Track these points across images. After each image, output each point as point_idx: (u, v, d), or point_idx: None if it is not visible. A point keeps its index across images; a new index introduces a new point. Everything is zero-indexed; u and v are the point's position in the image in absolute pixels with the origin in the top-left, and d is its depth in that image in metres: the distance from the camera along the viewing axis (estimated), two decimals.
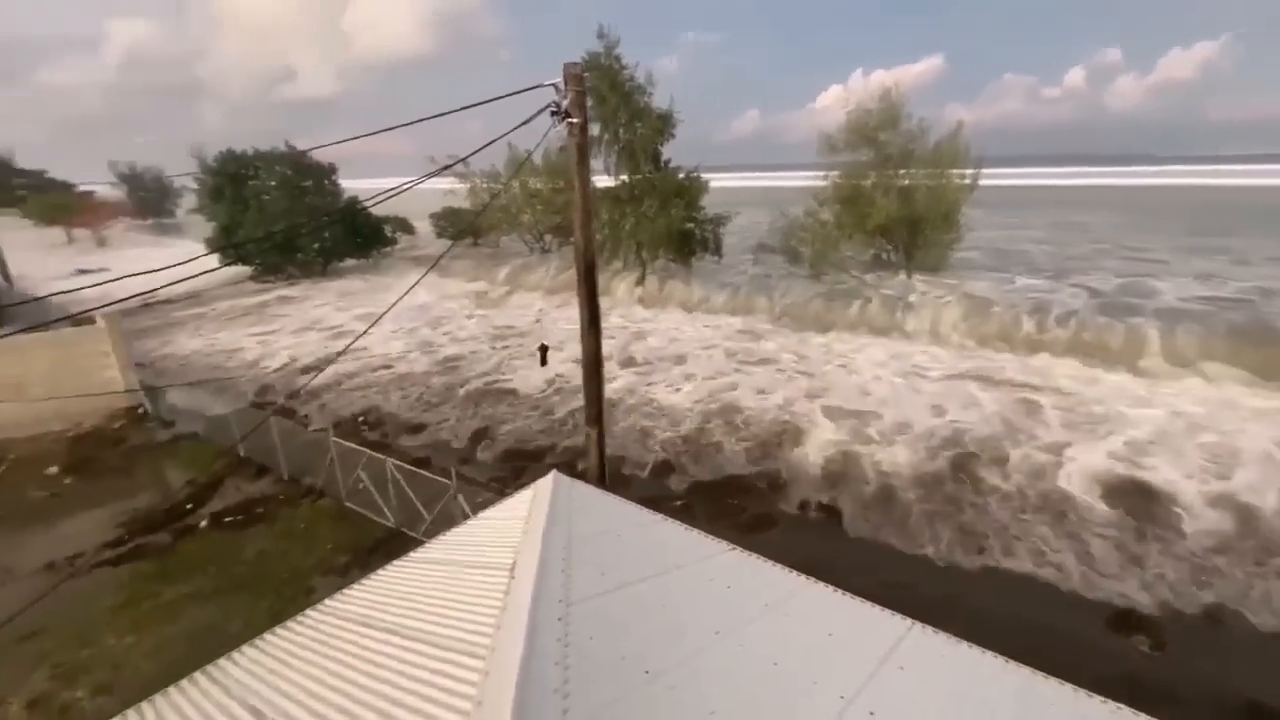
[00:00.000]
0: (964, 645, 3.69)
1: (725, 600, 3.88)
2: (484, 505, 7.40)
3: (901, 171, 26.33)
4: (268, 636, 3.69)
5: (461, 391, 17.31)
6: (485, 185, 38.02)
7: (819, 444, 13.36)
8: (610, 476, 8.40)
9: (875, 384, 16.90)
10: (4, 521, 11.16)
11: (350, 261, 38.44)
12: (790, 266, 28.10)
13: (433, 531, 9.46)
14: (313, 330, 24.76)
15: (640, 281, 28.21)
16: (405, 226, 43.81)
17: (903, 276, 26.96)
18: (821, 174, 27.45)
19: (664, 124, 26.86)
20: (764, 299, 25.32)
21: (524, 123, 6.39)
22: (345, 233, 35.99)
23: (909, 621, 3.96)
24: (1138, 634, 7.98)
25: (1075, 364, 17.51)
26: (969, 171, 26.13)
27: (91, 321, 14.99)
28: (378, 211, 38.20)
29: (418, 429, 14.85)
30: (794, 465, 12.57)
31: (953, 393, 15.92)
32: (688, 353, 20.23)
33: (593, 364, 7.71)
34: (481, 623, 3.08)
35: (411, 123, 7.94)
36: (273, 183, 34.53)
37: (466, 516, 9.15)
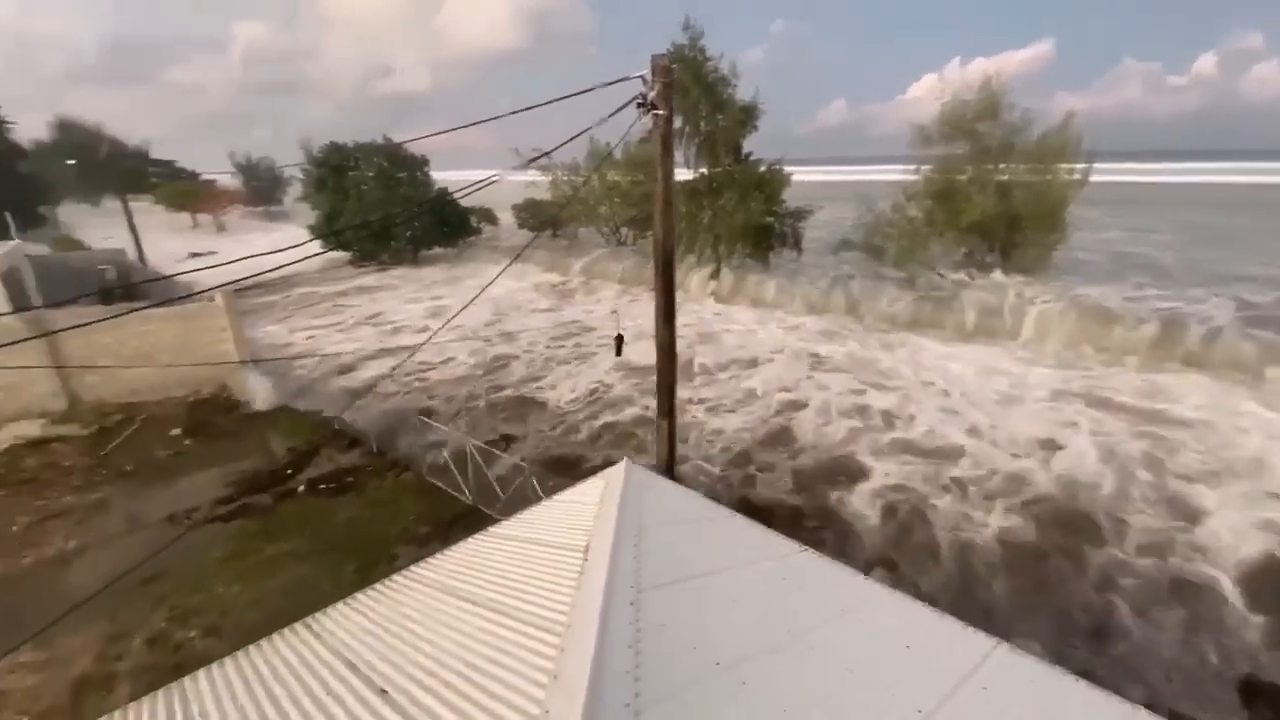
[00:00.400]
0: (1055, 670, 3.45)
1: (798, 601, 3.80)
2: (555, 489, 7.61)
3: (1001, 166, 24.73)
4: (359, 596, 3.95)
5: (484, 402, 15.88)
6: (566, 178, 38.78)
7: (880, 486, 11.32)
8: None
9: (964, 402, 14.94)
10: (134, 475, 12.48)
11: (437, 250, 40.19)
12: (875, 264, 27.05)
13: (506, 510, 9.83)
14: (368, 326, 24.57)
15: (715, 276, 27.95)
16: (489, 217, 45.45)
17: (998, 277, 25.36)
18: (912, 168, 26.21)
19: (747, 116, 26.45)
20: (845, 298, 24.27)
21: (611, 115, 6.45)
22: (434, 222, 37.66)
23: (994, 640, 3.74)
24: None
25: (1219, 387, 15.16)
26: (1079, 166, 24.20)
27: (211, 299, 16.47)
28: (464, 202, 39.75)
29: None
30: (851, 513, 10.60)
31: (1061, 419, 13.92)
32: (758, 356, 19.06)
33: (666, 355, 7.73)
34: (556, 600, 3.17)
35: (499, 116, 8.17)
36: (370, 174, 36.62)
37: (539, 498, 9.45)
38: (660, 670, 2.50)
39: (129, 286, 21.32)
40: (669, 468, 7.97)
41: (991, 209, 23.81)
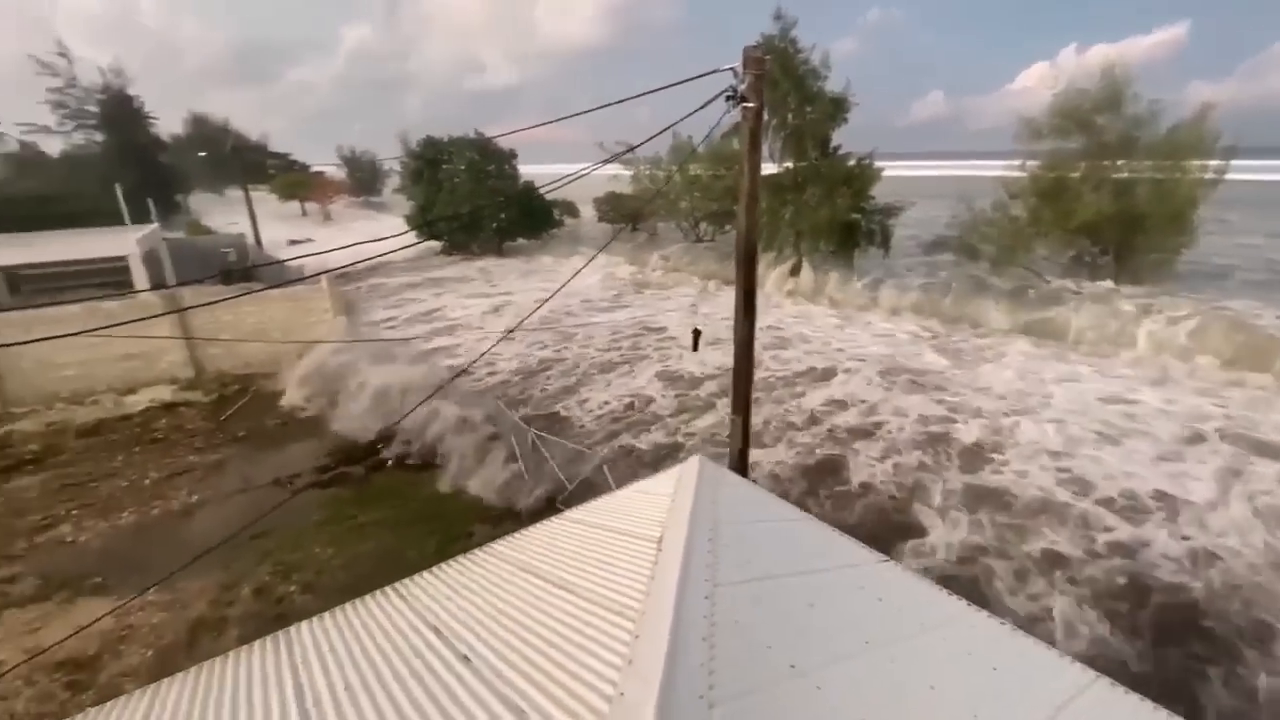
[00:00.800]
0: (1162, 713, 3.16)
1: (877, 611, 3.67)
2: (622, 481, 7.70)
3: (1120, 162, 22.65)
4: (443, 566, 4.15)
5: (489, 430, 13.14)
6: (648, 171, 38.94)
7: (939, 553, 9.28)
8: None
9: (1071, 436, 12.55)
10: (247, 441, 13.68)
11: (521, 240, 41.46)
12: (970, 266, 25.52)
13: (573, 498, 10.07)
14: (421, 323, 23.81)
15: (794, 273, 27.28)
16: (571, 210, 46.42)
17: (1112, 284, 23.31)
18: (1017, 163, 24.49)
19: (836, 109, 25.63)
20: (937, 302, 22.97)
21: (701, 107, 6.42)
22: (520, 214, 38.88)
23: (1093, 674, 3.47)
24: None
25: None
26: (1213, 163, 21.80)
27: (317, 284, 17.77)
28: (548, 195, 40.80)
29: None
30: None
31: (1205, 467, 11.33)
32: (833, 366, 17.36)
33: (744, 350, 7.63)
34: (629, 586, 3.21)
35: (587, 111, 8.34)
36: (461, 167, 38.26)
37: (608, 488, 9.61)
38: (734, 667, 2.49)
39: (247, 269, 23.35)
40: (742, 465, 7.88)
41: (1107, 209, 21.87)
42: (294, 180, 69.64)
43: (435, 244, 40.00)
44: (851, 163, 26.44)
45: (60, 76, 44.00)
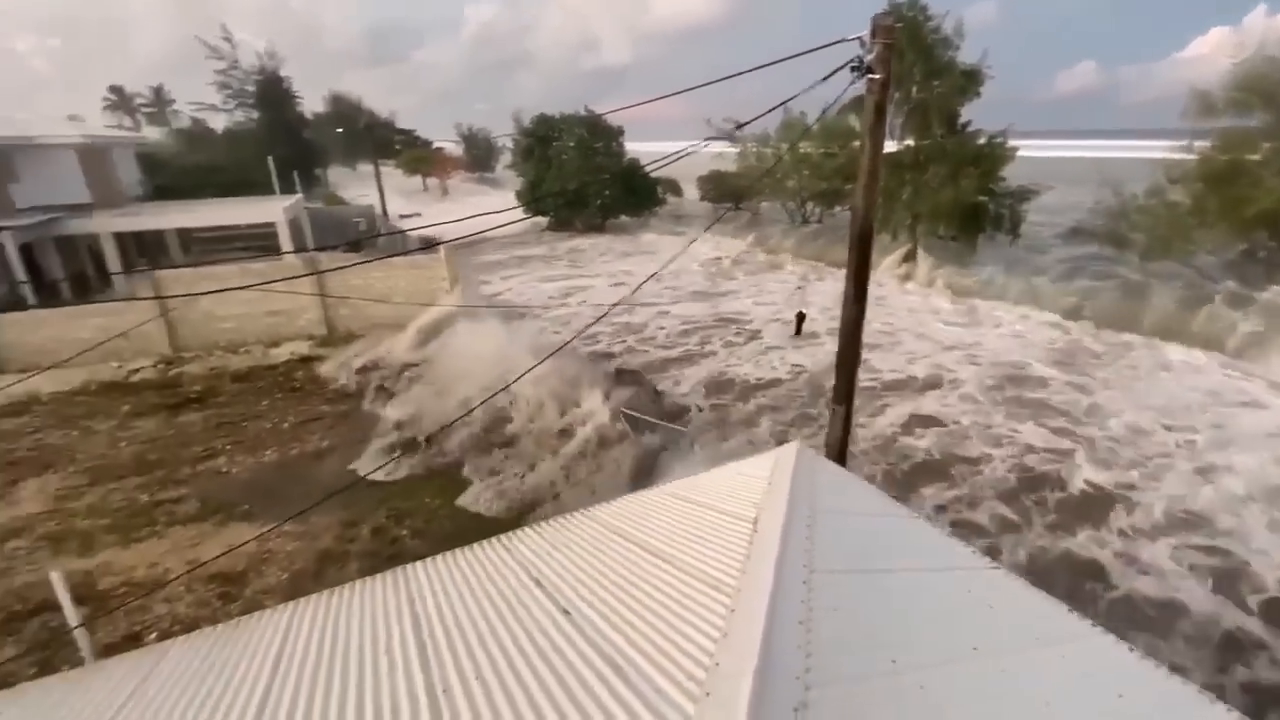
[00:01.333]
0: None
1: (986, 619, 3.45)
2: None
3: None
4: (544, 525, 4.36)
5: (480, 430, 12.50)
6: (755, 149, 37.92)
7: None
8: None
9: (1223, 490, 8.92)
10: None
11: (624, 218, 41.87)
12: (1116, 257, 22.91)
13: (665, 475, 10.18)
14: (530, 292, 23.86)
15: (909, 258, 25.70)
16: (674, 188, 46.19)
17: None
18: (1180, 143, 21.51)
19: (968, 82, 23.61)
20: (1073, 298, 20.65)
21: (823, 79, 6.14)
22: (623, 191, 39.20)
23: (1235, 714, 3.09)
24: None
25: None
26: None
27: (436, 250, 18.98)
28: (652, 173, 40.79)
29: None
30: None
31: None
32: (938, 375, 14.93)
33: (851, 337, 7.32)
34: (724, 562, 3.21)
35: (698, 86, 8.20)
36: (570, 144, 39.04)
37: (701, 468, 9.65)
38: (831, 654, 2.44)
39: (375, 237, 25.29)
40: (841, 456, 7.63)
41: None
42: (417, 156, 74.02)
43: (542, 220, 41.27)
44: (981, 141, 24.37)
45: (225, 60, 49.13)
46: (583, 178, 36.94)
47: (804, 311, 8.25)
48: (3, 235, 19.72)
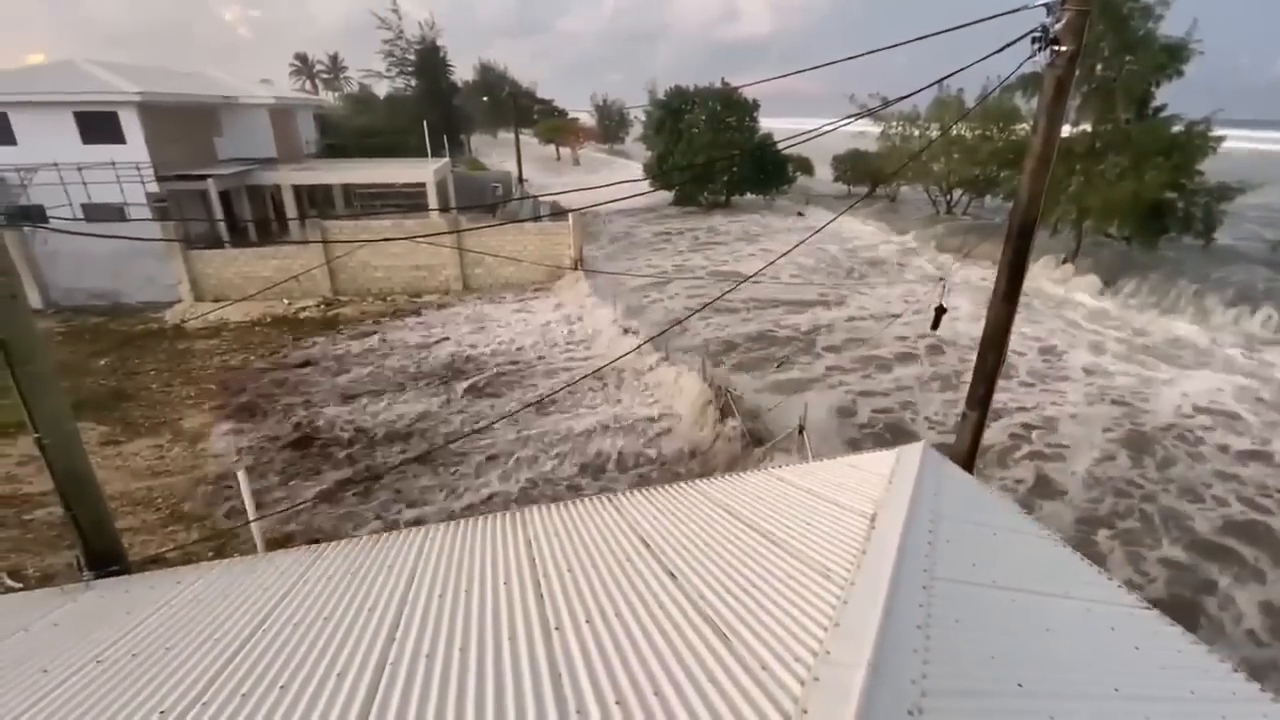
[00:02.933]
0: None
1: (1131, 660, 3.10)
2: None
3: None
4: (652, 490, 4.46)
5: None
6: (898, 129, 35.36)
7: None
8: None
9: None
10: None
11: (750, 196, 40.80)
12: None
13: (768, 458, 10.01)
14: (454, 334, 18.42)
15: (1070, 259, 23.03)
16: (806, 167, 44.21)
17: None
18: None
19: (1169, 59, 20.36)
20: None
21: (1001, 49, 5.58)
22: (753, 168, 38.16)
23: None
24: None
25: None
26: None
27: (564, 218, 19.69)
28: (785, 150, 39.28)
29: None
30: None
31: None
32: (1074, 456, 11.40)
33: (997, 338, 6.72)
34: (838, 554, 3.12)
35: (847, 59, 7.73)
36: (703, 117, 38.43)
37: (806, 457, 9.39)
38: (951, 665, 2.31)
39: (510, 201, 26.64)
40: (969, 464, 7.09)
41: None
42: (553, 126, 76.41)
43: (668, 195, 41.16)
44: (1177, 128, 21.02)
45: (392, 30, 53.16)
46: (711, 152, 36.31)
47: (944, 305, 7.66)
48: (209, 182, 22.92)
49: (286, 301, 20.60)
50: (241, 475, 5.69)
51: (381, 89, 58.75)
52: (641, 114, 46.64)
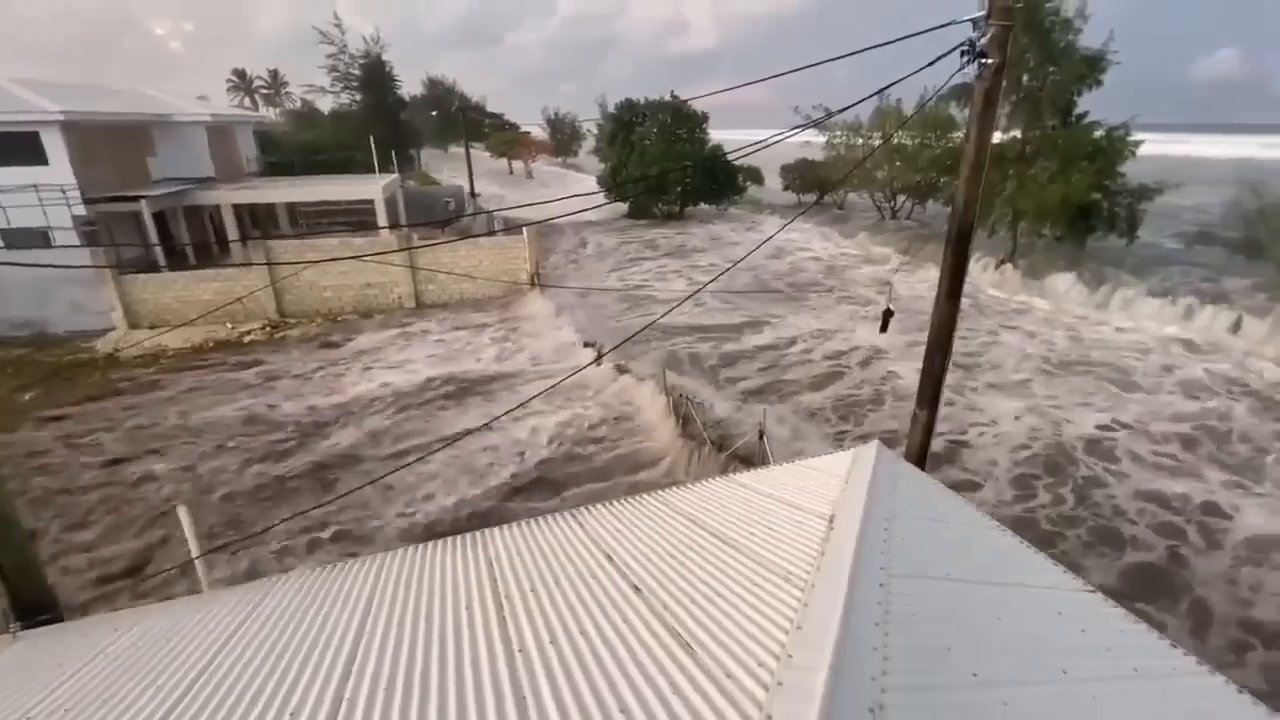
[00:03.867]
0: None
1: (1077, 642, 3.24)
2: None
3: None
4: (615, 503, 4.44)
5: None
6: (843, 139, 36.52)
7: None
8: None
9: None
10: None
11: (704, 206, 41.35)
12: (1248, 266, 20.68)
13: (730, 463, 10.11)
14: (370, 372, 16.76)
15: (1008, 260, 24.13)
16: (756, 177, 45.12)
17: None
18: None
19: (1089, 68, 21.71)
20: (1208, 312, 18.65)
21: (931, 63, 5.83)
22: (705, 180, 38.74)
23: None
24: None
25: None
26: None
27: (519, 232, 19.55)
28: (735, 161, 40.01)
29: None
30: None
31: None
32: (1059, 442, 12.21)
33: (942, 338, 6.97)
34: (798, 556, 3.17)
35: (788, 72, 7.97)
36: (654, 129, 38.89)
37: (767, 461, 9.52)
38: (909, 659, 2.37)
39: (462, 217, 26.34)
40: (921, 461, 7.32)
41: None
42: (505, 139, 75.99)
43: (622, 206, 41.40)
44: (1099, 133, 22.37)
45: (335, 45, 52.09)
46: (664, 164, 36.74)
47: (891, 309, 7.93)
48: (141, 204, 21.91)
49: (230, 325, 19.82)
50: (183, 511, 5.41)
51: (326, 104, 57.41)
52: (593, 127, 46.88)
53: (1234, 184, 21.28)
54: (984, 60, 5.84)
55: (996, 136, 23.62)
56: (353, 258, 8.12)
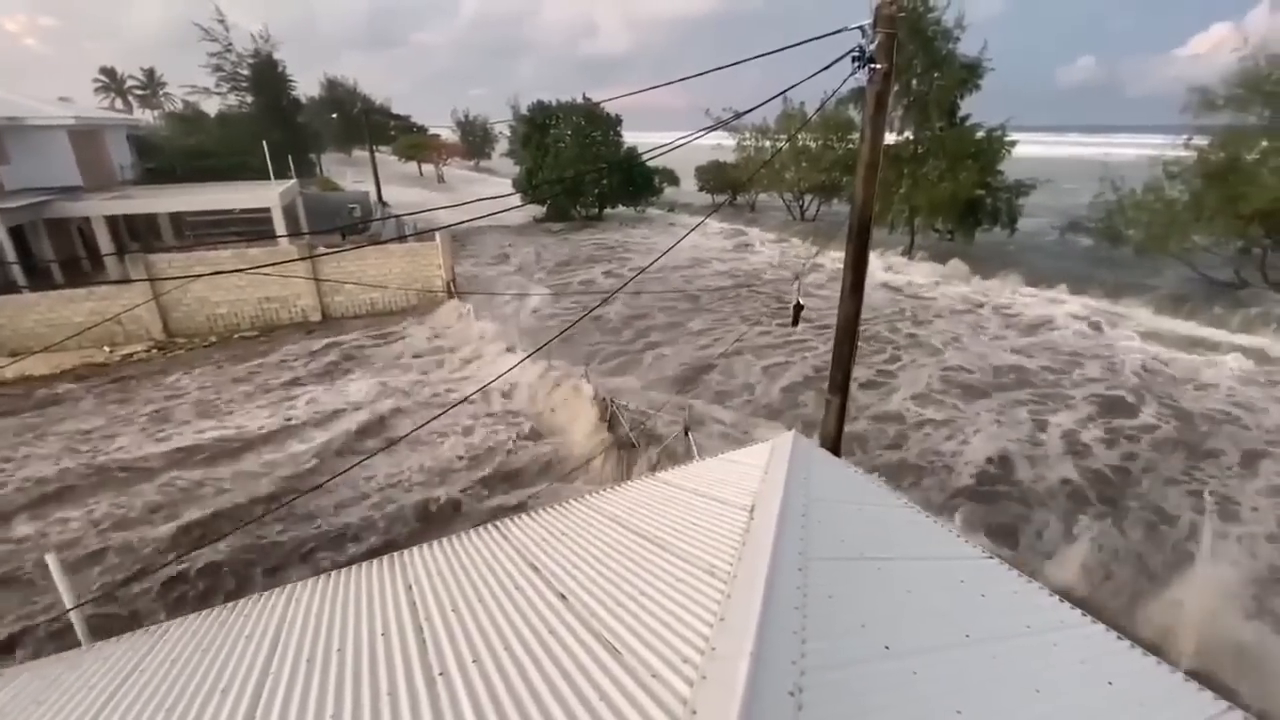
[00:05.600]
0: None
1: (978, 607, 3.49)
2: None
3: None
4: (540, 511, 4.37)
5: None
6: (752, 140, 37.74)
7: None
8: None
9: None
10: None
11: (621, 208, 41.54)
12: (1111, 252, 23.01)
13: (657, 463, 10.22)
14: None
15: (907, 253, 25.74)
16: (672, 178, 45.88)
17: None
18: (1181, 139, 21.53)
19: (968, 74, 23.53)
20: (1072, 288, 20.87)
21: (826, 68, 6.09)
22: (621, 181, 38.94)
23: (1224, 704, 3.14)
24: None
25: None
26: None
27: (432, 237, 18.88)
28: (651, 163, 40.49)
29: None
30: None
31: None
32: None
33: (848, 329, 7.33)
34: (721, 549, 3.23)
35: (693, 76, 8.12)
36: (568, 132, 38.71)
37: (692, 457, 9.67)
38: (827, 639, 2.46)
39: (369, 222, 25.16)
40: (836, 447, 7.66)
41: None
42: (413, 143, 73.36)
43: (539, 209, 40.94)
44: (980, 134, 24.32)
45: (219, 42, 48.42)
46: (579, 166, 36.65)
47: (801, 303, 8.26)
48: None
49: (108, 349, 17.98)
50: (51, 559, 4.83)
51: (212, 106, 53.26)
52: (506, 129, 46.09)
53: (1096, 180, 23.72)
54: (873, 66, 6.18)
55: (892, 138, 25.25)
56: (246, 270, 7.49)
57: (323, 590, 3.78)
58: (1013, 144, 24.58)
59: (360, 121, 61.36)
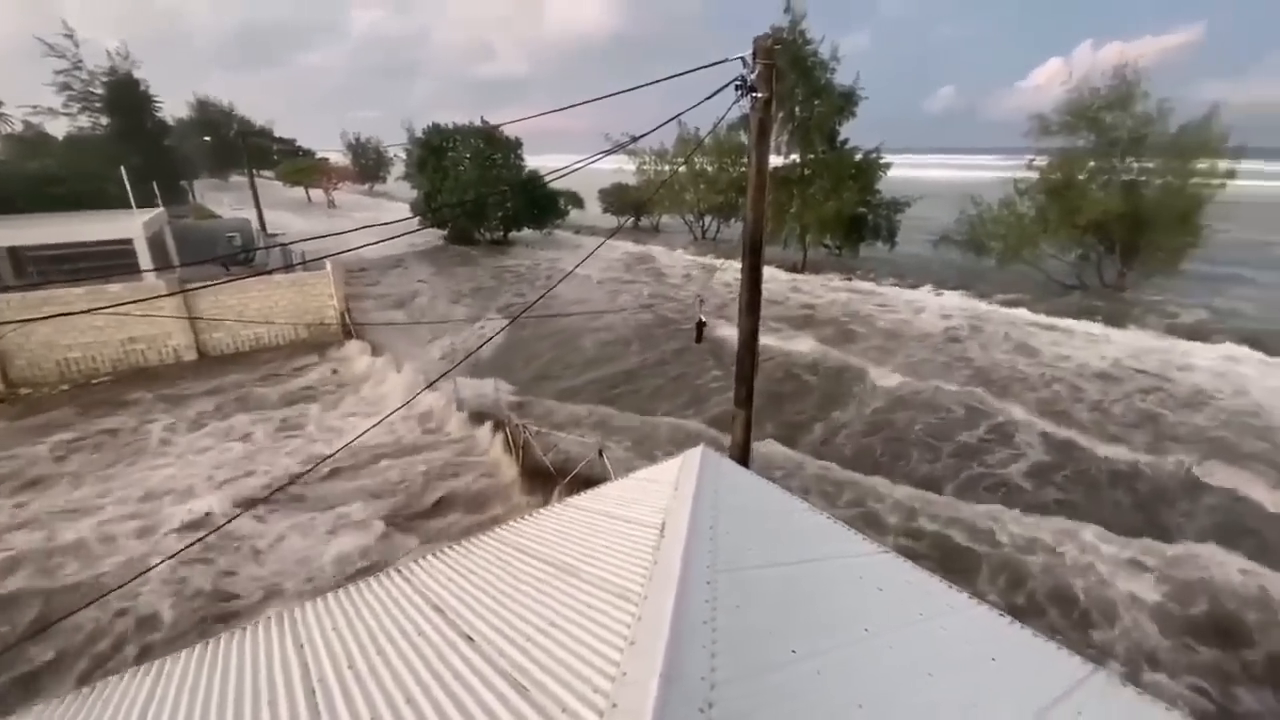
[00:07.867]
0: (1158, 705, 3.19)
1: (876, 600, 3.69)
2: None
3: (1129, 160, 22.57)
4: (445, 549, 4.19)
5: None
6: (651, 164, 38.77)
7: None
8: None
9: None
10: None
11: (527, 231, 41.20)
12: (976, 262, 25.50)
13: (572, 487, 10.10)
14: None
15: (799, 269, 27.26)
16: (576, 201, 46.12)
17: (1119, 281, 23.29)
18: (1026, 160, 24.40)
19: (845, 102, 25.46)
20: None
21: (710, 96, 6.39)
22: (525, 204, 38.66)
23: (1090, 666, 3.49)
24: None
25: None
26: (1223, 164, 21.64)
27: (322, 267, 17.80)
28: (555, 186, 40.55)
29: None
30: None
31: None
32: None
33: (749, 344, 7.63)
34: (632, 571, 3.23)
35: (590, 100, 8.26)
36: (467, 155, 38.02)
37: (609, 478, 9.64)
38: (735, 650, 2.51)
39: (251, 251, 23.39)
40: (743, 457, 7.90)
41: (1114, 208, 21.78)
42: (299, 167, 69.45)
43: (439, 233, 39.83)
44: (859, 157, 26.33)
45: (66, 59, 43.82)
46: (479, 190, 36.04)
47: (703, 320, 8.53)
48: None
49: None
50: None
51: (59, 128, 47.93)
52: (402, 152, 44.63)
53: (959, 197, 26.29)
54: (755, 94, 6.55)
55: (781, 161, 26.84)
56: (103, 309, 6.68)
57: (199, 660, 3.41)
58: (888, 165, 26.82)
59: (238, 144, 57.28)
